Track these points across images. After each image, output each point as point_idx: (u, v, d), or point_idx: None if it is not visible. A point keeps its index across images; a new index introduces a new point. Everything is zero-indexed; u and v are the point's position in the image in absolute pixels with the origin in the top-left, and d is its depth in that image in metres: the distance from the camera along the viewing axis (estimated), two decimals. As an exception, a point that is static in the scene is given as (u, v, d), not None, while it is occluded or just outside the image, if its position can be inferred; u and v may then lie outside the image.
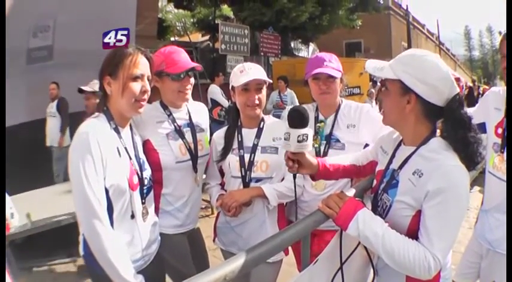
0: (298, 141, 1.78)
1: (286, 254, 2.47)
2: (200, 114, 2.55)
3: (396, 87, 1.60)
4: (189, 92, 2.35)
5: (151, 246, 2.07)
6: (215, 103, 8.71)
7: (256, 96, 2.34)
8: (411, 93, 1.56)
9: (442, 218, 1.46)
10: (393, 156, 1.76)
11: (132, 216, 1.92)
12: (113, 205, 1.82)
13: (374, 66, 1.71)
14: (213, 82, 9.32)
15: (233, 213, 2.32)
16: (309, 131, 1.80)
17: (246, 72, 2.32)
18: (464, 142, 1.54)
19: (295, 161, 1.88)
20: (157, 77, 2.26)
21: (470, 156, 1.54)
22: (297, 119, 1.80)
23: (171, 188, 2.34)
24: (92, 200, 1.70)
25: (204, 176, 2.62)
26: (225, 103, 8.64)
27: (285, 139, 1.82)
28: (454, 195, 1.47)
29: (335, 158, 2.15)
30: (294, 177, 1.98)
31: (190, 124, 2.43)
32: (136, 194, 1.93)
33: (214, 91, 8.93)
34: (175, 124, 2.35)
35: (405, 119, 1.62)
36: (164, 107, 2.37)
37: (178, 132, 2.34)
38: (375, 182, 1.86)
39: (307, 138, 1.79)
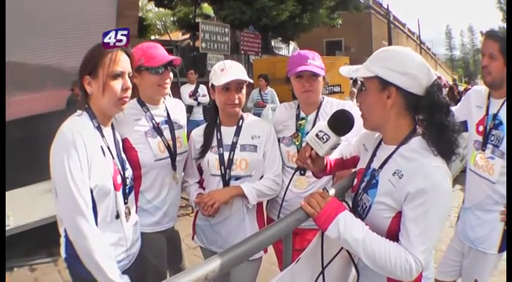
0: (332, 149, 1.78)
1: (265, 252, 2.45)
2: (178, 110, 2.53)
3: (374, 84, 1.57)
4: (168, 86, 2.33)
5: (134, 246, 2.04)
6: None
7: (237, 96, 2.33)
8: (390, 86, 1.53)
9: (423, 220, 1.43)
10: (374, 155, 1.73)
11: (117, 217, 1.88)
12: (97, 206, 1.77)
13: (348, 69, 1.69)
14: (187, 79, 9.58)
15: (211, 213, 2.31)
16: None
17: (226, 70, 2.31)
18: (439, 125, 1.49)
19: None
20: (136, 72, 2.22)
21: (446, 143, 1.50)
22: (345, 126, 1.77)
23: (150, 186, 2.31)
24: (78, 199, 1.66)
25: (183, 174, 2.60)
26: (187, 102, 8.82)
27: (318, 138, 1.78)
28: (435, 197, 1.44)
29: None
30: (297, 170, 2.10)
31: (168, 121, 2.40)
32: (120, 194, 1.90)
33: (182, 90, 9.30)
34: (153, 121, 2.32)
35: (387, 116, 1.58)
36: (142, 104, 2.33)
37: (157, 129, 2.31)
38: (355, 180, 1.82)
39: (336, 147, 1.81)
